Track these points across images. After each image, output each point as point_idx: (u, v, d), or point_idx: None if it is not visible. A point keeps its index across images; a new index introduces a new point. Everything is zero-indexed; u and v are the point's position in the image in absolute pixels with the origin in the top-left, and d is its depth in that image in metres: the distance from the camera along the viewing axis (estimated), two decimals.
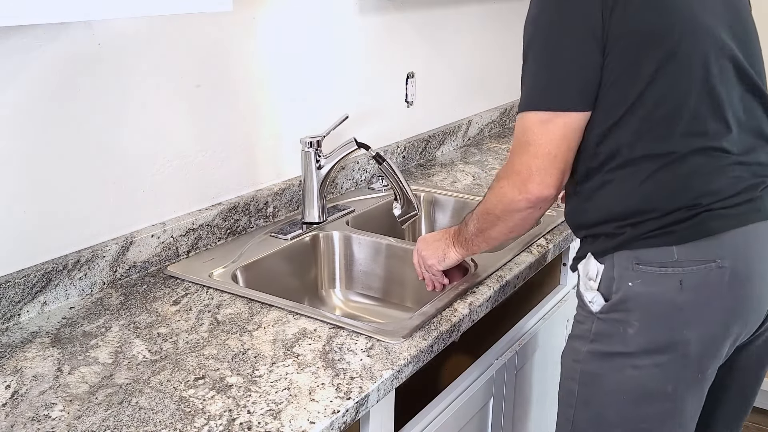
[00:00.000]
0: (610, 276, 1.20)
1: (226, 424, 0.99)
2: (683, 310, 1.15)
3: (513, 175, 1.19)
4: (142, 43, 1.40)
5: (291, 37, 1.73)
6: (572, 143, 1.16)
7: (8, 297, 1.24)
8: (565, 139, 1.15)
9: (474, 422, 1.44)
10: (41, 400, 1.05)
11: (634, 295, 1.17)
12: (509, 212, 1.23)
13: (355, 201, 1.87)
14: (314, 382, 1.08)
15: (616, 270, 1.19)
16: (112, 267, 1.40)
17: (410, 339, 1.20)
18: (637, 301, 1.17)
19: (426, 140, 2.28)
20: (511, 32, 2.72)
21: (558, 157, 1.15)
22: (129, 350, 1.18)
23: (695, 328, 1.16)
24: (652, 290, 1.16)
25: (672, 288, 1.15)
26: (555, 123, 1.15)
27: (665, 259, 1.15)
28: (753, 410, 2.61)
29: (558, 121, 1.14)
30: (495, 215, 1.26)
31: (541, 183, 1.16)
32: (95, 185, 1.37)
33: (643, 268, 1.16)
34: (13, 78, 1.21)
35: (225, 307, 1.32)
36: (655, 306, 1.16)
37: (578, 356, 1.24)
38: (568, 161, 1.17)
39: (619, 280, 1.18)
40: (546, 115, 1.15)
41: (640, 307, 1.17)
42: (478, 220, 1.32)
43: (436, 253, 1.42)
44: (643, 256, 1.16)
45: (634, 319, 1.17)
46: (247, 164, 1.68)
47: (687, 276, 1.15)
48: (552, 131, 1.15)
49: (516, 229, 1.28)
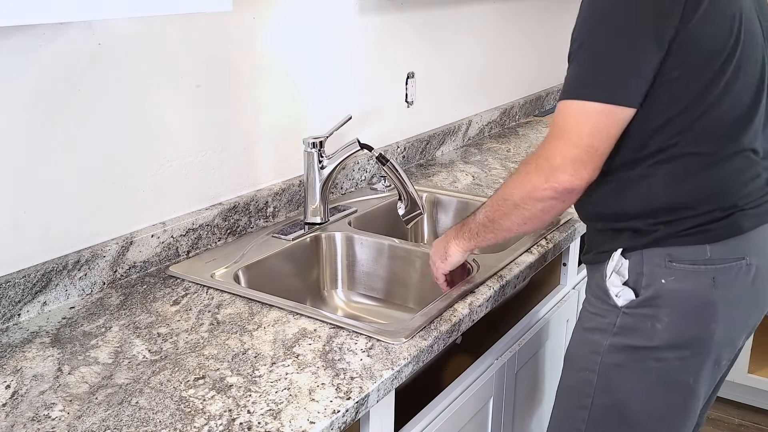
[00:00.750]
0: (638, 272, 1.20)
1: (226, 424, 0.99)
2: (715, 307, 1.18)
3: (542, 161, 1.15)
4: (142, 43, 1.40)
5: (291, 37, 1.73)
6: (615, 140, 1.14)
7: (8, 297, 1.24)
8: (609, 135, 1.13)
9: (474, 422, 1.44)
10: (41, 400, 1.05)
11: (666, 291, 1.18)
12: (529, 200, 1.18)
13: (357, 201, 1.87)
14: (314, 382, 1.08)
15: (646, 266, 1.19)
16: (112, 267, 1.40)
17: (410, 339, 1.20)
18: (669, 297, 1.18)
19: (426, 140, 2.28)
20: (512, 32, 2.72)
21: (599, 151, 1.13)
22: (129, 350, 1.18)
23: (722, 323, 1.19)
24: (685, 287, 1.17)
25: (705, 285, 1.17)
26: (605, 116, 1.12)
27: (698, 257, 1.17)
28: (753, 410, 2.62)
29: (608, 115, 1.11)
30: (512, 202, 1.21)
31: (574, 174, 1.13)
32: (95, 185, 1.37)
33: (677, 266, 1.17)
34: (13, 78, 1.21)
35: (225, 307, 1.32)
36: (687, 302, 1.18)
37: (598, 348, 1.24)
38: (605, 157, 1.15)
39: (650, 276, 1.19)
40: (597, 107, 1.11)
41: (672, 304, 1.18)
42: (490, 207, 1.27)
43: (439, 251, 1.39)
44: (676, 253, 1.17)
45: (664, 314, 1.18)
46: (246, 164, 1.68)
47: (719, 273, 1.17)
48: (599, 124, 1.12)
49: (531, 222, 1.23)
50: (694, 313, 1.18)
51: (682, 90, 1.12)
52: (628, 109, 1.12)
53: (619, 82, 1.11)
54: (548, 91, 3.09)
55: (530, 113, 2.96)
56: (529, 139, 2.59)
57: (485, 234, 1.29)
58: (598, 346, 1.24)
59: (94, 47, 1.32)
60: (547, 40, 3.05)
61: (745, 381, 2.57)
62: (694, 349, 1.20)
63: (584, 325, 1.30)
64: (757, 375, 2.56)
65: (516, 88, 2.87)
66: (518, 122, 2.85)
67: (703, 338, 1.19)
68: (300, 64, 1.77)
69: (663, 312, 1.18)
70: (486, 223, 1.28)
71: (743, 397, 2.64)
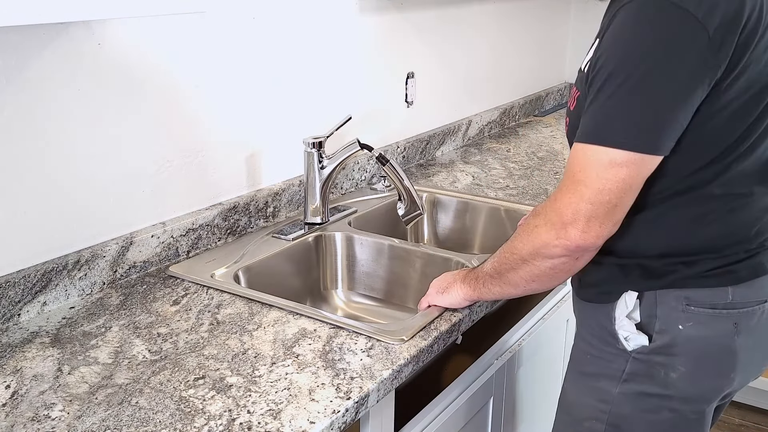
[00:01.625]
0: (650, 314, 1.10)
1: (226, 424, 0.99)
2: (736, 356, 1.10)
3: (553, 215, 1.04)
4: (142, 43, 1.40)
5: (291, 37, 1.73)
6: (636, 193, 1.02)
7: (8, 297, 1.24)
8: (631, 189, 1.01)
9: (474, 422, 1.44)
10: (41, 400, 1.05)
11: (684, 339, 1.09)
12: (538, 257, 1.07)
13: (357, 201, 1.87)
14: (314, 382, 1.08)
15: (661, 309, 1.10)
16: (112, 267, 1.40)
17: (410, 339, 1.20)
18: (687, 345, 1.09)
19: (426, 140, 2.28)
20: (512, 32, 2.72)
21: (618, 207, 1.01)
22: (129, 350, 1.18)
23: (741, 370, 1.12)
24: (706, 334, 1.08)
25: (727, 332, 1.08)
26: (629, 167, 0.99)
27: (719, 300, 1.08)
28: (753, 410, 2.62)
29: (636, 166, 0.99)
30: (520, 257, 1.10)
31: (587, 231, 1.01)
32: (95, 185, 1.37)
33: (695, 310, 1.08)
34: (13, 78, 1.21)
35: (225, 307, 1.32)
36: (708, 351, 1.09)
37: (607, 397, 1.15)
38: (626, 211, 1.03)
39: (665, 321, 1.09)
40: (621, 156, 0.98)
41: (690, 353, 1.09)
42: (498, 259, 1.16)
43: (441, 284, 1.30)
44: (694, 296, 1.08)
45: (680, 363, 1.10)
46: (246, 164, 1.68)
47: (742, 318, 1.09)
48: (621, 177, 0.99)
49: (540, 279, 1.11)
50: (714, 364, 1.10)
51: (727, 132, 1.03)
52: (657, 158, 1.00)
53: (656, 128, 0.98)
54: (548, 91, 3.09)
55: (530, 113, 2.96)
56: (529, 139, 2.59)
57: (491, 286, 1.19)
58: (607, 395, 1.15)
59: (94, 47, 1.32)
60: (547, 40, 3.05)
61: None
62: (712, 401, 1.13)
63: (584, 370, 1.20)
64: None
65: (516, 88, 2.87)
66: (518, 122, 2.85)
67: (721, 387, 1.12)
68: (300, 64, 1.77)
69: (679, 361, 1.09)
70: (493, 275, 1.17)
71: (743, 397, 2.64)
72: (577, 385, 1.22)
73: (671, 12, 0.96)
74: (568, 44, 3.22)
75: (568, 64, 3.24)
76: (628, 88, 0.98)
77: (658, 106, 0.98)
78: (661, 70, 0.97)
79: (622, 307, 1.13)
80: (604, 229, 1.02)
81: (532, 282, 1.12)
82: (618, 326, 1.13)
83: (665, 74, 0.97)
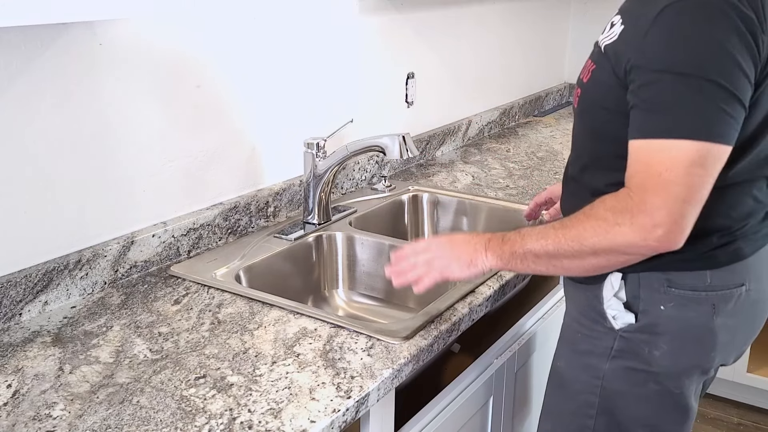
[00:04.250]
0: (634, 295, 1.15)
1: (227, 423, 0.99)
2: (715, 336, 1.15)
3: (640, 216, 1.00)
4: (143, 43, 1.40)
5: (291, 38, 1.73)
6: None
7: (9, 296, 1.25)
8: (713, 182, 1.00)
9: (474, 422, 1.44)
10: (42, 400, 1.05)
11: (665, 318, 1.14)
12: (615, 253, 1.05)
13: (358, 201, 1.88)
14: (315, 381, 1.09)
15: (644, 290, 1.15)
16: (113, 266, 1.41)
17: (410, 338, 1.20)
18: (669, 325, 1.14)
19: (426, 140, 2.28)
20: (511, 32, 2.73)
21: (702, 203, 1.01)
22: (130, 349, 1.18)
23: (720, 349, 1.17)
24: (685, 314, 1.13)
25: (706, 313, 1.13)
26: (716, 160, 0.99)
27: (698, 283, 1.13)
28: (753, 410, 2.63)
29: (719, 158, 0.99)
30: (591, 249, 1.06)
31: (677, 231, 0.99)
32: (96, 185, 1.38)
33: (676, 291, 1.13)
34: (14, 78, 1.22)
35: (226, 306, 1.33)
36: (688, 331, 1.14)
37: (598, 373, 1.21)
38: None
39: (648, 302, 1.15)
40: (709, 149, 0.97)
41: (671, 332, 1.14)
42: (555, 242, 1.09)
43: (461, 258, 1.19)
44: (675, 278, 1.13)
45: (663, 342, 1.15)
46: (247, 164, 1.68)
47: (720, 300, 1.13)
48: (711, 171, 0.99)
49: (602, 269, 1.11)
50: (695, 342, 1.15)
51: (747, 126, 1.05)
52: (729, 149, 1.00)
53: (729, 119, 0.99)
54: (548, 91, 3.09)
55: (530, 113, 2.97)
56: (529, 139, 2.59)
57: (534, 264, 1.13)
58: (598, 371, 1.21)
59: (95, 47, 1.32)
60: (547, 40, 3.05)
61: (745, 380, 2.57)
62: (694, 375, 1.18)
63: (576, 347, 1.25)
64: (756, 374, 2.56)
65: (516, 88, 2.87)
66: (518, 122, 2.86)
67: (701, 365, 1.18)
68: (300, 65, 1.77)
69: (662, 339, 1.15)
70: (541, 255, 1.11)
71: (742, 397, 2.64)
72: (570, 363, 1.27)
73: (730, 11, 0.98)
74: (567, 44, 3.22)
75: (567, 64, 3.24)
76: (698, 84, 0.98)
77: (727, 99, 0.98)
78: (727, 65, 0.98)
79: (608, 287, 1.17)
80: (689, 229, 1.00)
81: (591, 270, 1.11)
82: (606, 306, 1.18)
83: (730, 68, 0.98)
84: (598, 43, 1.16)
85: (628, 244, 1.02)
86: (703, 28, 0.99)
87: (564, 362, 1.29)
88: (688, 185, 0.98)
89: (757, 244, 1.17)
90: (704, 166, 0.98)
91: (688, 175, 0.98)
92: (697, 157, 0.98)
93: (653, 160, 1.00)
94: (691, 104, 0.98)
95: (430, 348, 1.21)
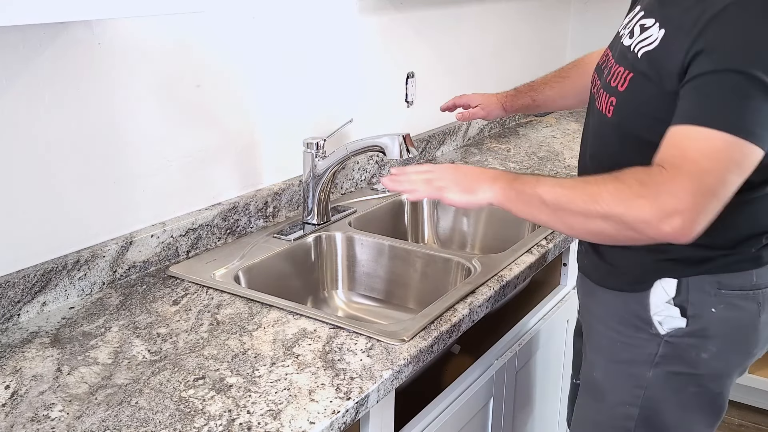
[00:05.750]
0: (683, 299, 1.14)
1: (226, 424, 0.99)
2: (758, 333, 1.17)
3: (665, 195, 0.95)
4: (142, 43, 1.40)
5: (291, 37, 1.73)
6: None
7: (8, 297, 1.24)
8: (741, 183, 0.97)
9: (474, 422, 1.43)
10: (41, 401, 1.05)
11: (717, 321, 1.14)
12: (623, 223, 0.98)
13: (357, 201, 1.87)
14: (314, 383, 1.08)
15: (693, 294, 1.14)
16: (112, 267, 1.40)
17: (410, 339, 1.20)
18: (720, 327, 1.15)
19: (426, 140, 2.28)
20: (512, 32, 2.72)
21: (724, 202, 0.97)
22: (129, 350, 1.18)
23: (762, 346, 1.19)
24: (735, 315, 1.15)
25: (753, 311, 1.15)
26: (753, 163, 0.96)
27: (745, 282, 1.14)
28: (753, 410, 2.62)
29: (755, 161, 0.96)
30: (603, 211, 0.99)
31: (693, 224, 0.95)
32: (95, 185, 1.37)
33: (726, 293, 1.13)
34: (13, 78, 1.21)
35: (225, 307, 1.32)
36: (738, 331, 1.16)
37: (642, 382, 1.19)
38: None
39: (698, 305, 1.14)
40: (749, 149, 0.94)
41: (721, 334, 1.15)
42: (568, 194, 1.03)
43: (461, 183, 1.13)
44: (725, 280, 1.13)
45: (712, 344, 1.15)
46: (246, 164, 1.68)
47: (765, 297, 1.15)
48: (745, 173, 0.96)
49: (601, 237, 1.06)
50: (741, 341, 1.16)
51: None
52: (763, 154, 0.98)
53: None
54: None
55: (530, 113, 2.96)
56: (530, 139, 2.59)
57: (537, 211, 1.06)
58: (641, 380, 1.19)
59: (94, 47, 1.32)
60: (547, 40, 3.05)
61: (745, 381, 2.57)
62: (734, 376, 1.19)
63: (616, 357, 1.22)
64: (757, 375, 2.56)
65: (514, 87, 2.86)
66: (518, 122, 2.85)
67: (745, 363, 1.19)
68: (300, 64, 1.77)
69: (711, 342, 1.15)
70: (548, 203, 1.04)
71: (743, 397, 2.64)
72: (609, 373, 1.24)
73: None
74: (567, 44, 3.22)
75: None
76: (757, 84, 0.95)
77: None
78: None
79: (659, 293, 1.15)
80: (703, 227, 0.96)
81: (592, 235, 1.07)
82: (653, 312, 1.16)
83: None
84: (629, 48, 1.12)
85: (642, 219, 0.96)
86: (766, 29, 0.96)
87: (601, 373, 1.26)
88: (722, 180, 0.94)
89: None
90: (741, 166, 0.95)
91: (726, 170, 0.94)
92: (738, 155, 0.94)
93: (693, 146, 0.95)
94: (746, 102, 0.94)
95: (430, 349, 1.21)
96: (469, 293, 1.36)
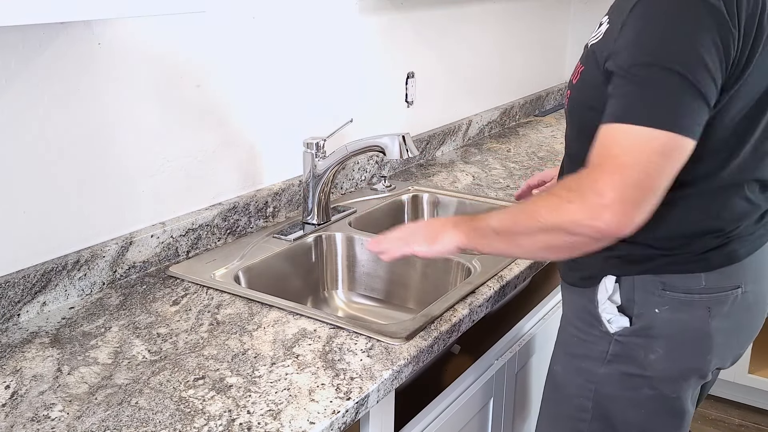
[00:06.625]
0: (629, 298, 1.15)
1: (226, 424, 0.99)
2: (711, 339, 1.14)
3: (590, 195, 0.98)
4: (142, 43, 1.40)
5: (291, 37, 1.73)
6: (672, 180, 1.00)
7: (8, 297, 1.24)
8: (672, 174, 0.98)
9: (474, 422, 1.43)
10: (41, 401, 1.05)
11: (661, 322, 1.14)
12: (561, 231, 1.01)
13: (357, 201, 1.87)
14: (314, 383, 1.08)
15: (638, 293, 1.15)
16: (112, 267, 1.40)
17: (410, 339, 1.20)
18: (664, 328, 1.14)
19: (426, 140, 2.28)
20: (512, 32, 2.72)
21: (658, 194, 0.98)
22: (128, 350, 1.18)
23: (719, 353, 1.17)
24: (680, 317, 1.13)
25: (701, 316, 1.13)
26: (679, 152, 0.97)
27: (693, 285, 1.12)
28: (753, 410, 2.62)
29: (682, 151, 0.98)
30: (541, 225, 1.03)
31: (625, 217, 0.96)
32: (95, 185, 1.37)
33: (670, 294, 1.13)
34: (12, 77, 1.21)
35: (225, 307, 1.32)
36: (683, 334, 1.14)
37: (592, 377, 1.21)
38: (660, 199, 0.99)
39: (643, 305, 1.14)
40: (671, 139, 0.96)
41: (667, 335, 1.14)
42: (511, 219, 1.09)
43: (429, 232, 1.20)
44: (670, 281, 1.12)
45: (658, 345, 1.15)
46: (246, 164, 1.68)
47: (715, 303, 1.13)
48: (671, 162, 0.97)
49: (552, 251, 1.08)
50: (690, 346, 1.14)
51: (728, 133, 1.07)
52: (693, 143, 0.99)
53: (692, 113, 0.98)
54: (548, 91, 3.09)
55: (530, 113, 2.96)
56: (530, 139, 2.58)
57: (495, 242, 1.12)
58: (592, 375, 1.21)
59: (94, 47, 1.32)
60: (548, 40, 3.05)
61: (746, 381, 2.56)
62: (689, 381, 1.18)
63: (572, 351, 1.25)
64: (757, 375, 2.56)
65: (516, 88, 2.86)
66: (518, 122, 2.85)
67: (698, 369, 1.17)
68: (300, 64, 1.77)
69: (657, 343, 1.14)
70: (500, 232, 1.10)
71: (743, 398, 2.64)
72: (565, 366, 1.27)
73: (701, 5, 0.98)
74: (567, 44, 3.22)
75: (568, 64, 3.24)
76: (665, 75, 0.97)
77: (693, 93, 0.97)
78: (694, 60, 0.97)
79: (602, 290, 1.17)
80: (642, 217, 0.97)
81: (543, 251, 1.10)
82: (601, 309, 1.18)
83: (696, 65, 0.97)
84: (587, 45, 1.16)
85: (574, 221, 0.99)
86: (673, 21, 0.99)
87: (560, 366, 1.29)
88: (644, 171, 0.96)
89: (753, 245, 1.16)
90: (664, 155, 0.97)
91: (647, 162, 0.96)
92: (657, 145, 0.96)
93: (614, 143, 0.99)
94: (658, 94, 0.98)
95: (430, 349, 1.21)
96: (469, 293, 1.36)
